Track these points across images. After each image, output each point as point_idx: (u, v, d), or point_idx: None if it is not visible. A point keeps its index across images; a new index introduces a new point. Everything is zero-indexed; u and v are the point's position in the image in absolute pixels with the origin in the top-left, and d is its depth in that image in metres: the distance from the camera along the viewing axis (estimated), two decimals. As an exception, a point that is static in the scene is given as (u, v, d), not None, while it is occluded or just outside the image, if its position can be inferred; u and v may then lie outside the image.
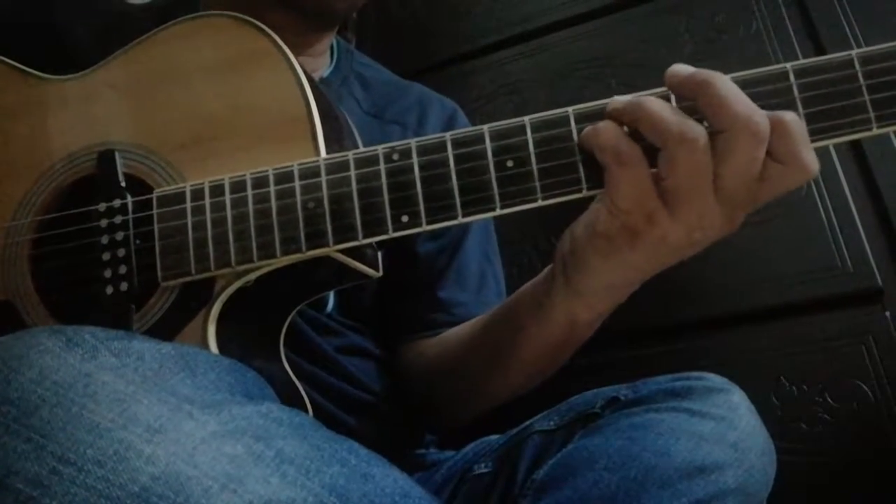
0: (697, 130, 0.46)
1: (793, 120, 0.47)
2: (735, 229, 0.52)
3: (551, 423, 0.69)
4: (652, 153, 0.48)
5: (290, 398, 0.57)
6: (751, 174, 0.47)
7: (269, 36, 0.59)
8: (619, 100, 0.50)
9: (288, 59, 0.58)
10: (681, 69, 0.48)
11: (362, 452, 0.43)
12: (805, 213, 0.92)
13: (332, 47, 0.86)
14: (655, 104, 0.48)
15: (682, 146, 0.46)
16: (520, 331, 0.66)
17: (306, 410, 0.58)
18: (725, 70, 0.50)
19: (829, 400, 0.87)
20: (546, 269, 0.63)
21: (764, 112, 0.46)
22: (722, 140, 0.47)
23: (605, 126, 0.49)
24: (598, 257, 0.54)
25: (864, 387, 0.86)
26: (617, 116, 0.49)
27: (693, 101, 0.48)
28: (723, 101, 0.46)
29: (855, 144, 0.93)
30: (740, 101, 0.46)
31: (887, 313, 0.87)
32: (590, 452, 0.59)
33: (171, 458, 0.35)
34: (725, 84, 0.47)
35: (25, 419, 0.36)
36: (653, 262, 0.54)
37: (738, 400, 0.63)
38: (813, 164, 0.47)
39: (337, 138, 0.57)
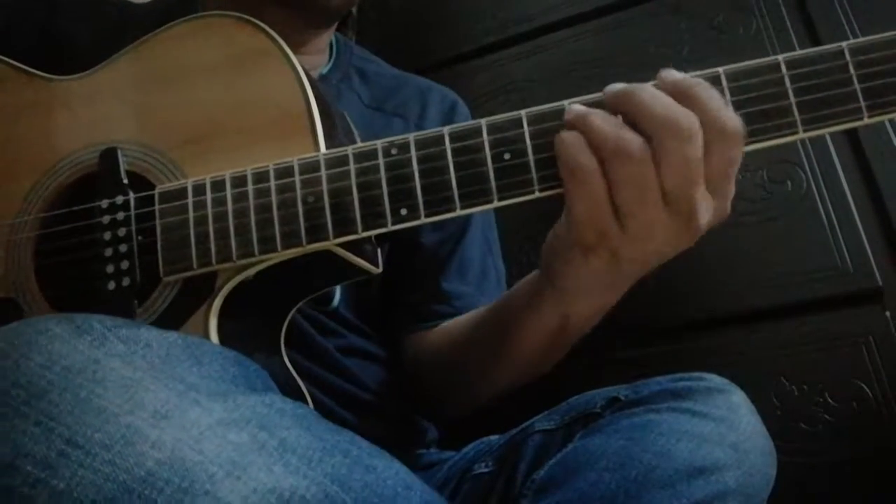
0: (630, 141, 0.47)
1: (696, 83, 0.47)
2: (694, 240, 0.51)
3: (552, 422, 0.69)
4: None
5: (290, 393, 0.57)
6: (690, 177, 0.47)
7: (269, 35, 0.59)
8: (574, 109, 0.50)
9: (287, 58, 0.58)
10: (614, 86, 0.49)
11: (364, 444, 0.43)
12: (805, 213, 0.93)
13: (330, 44, 0.86)
14: (597, 117, 0.48)
15: (616, 158, 0.47)
16: (517, 322, 0.67)
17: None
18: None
19: (829, 400, 0.87)
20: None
21: (689, 111, 0.47)
22: (653, 146, 0.47)
23: (565, 137, 0.49)
24: (564, 265, 0.56)
25: (864, 387, 0.85)
26: (572, 127, 0.50)
27: (624, 115, 0.48)
28: (643, 108, 0.47)
29: (854, 144, 0.93)
30: (659, 104, 0.47)
31: (887, 313, 0.87)
32: (590, 452, 0.59)
33: (177, 444, 0.36)
34: (646, 91, 0.48)
35: (35, 402, 0.36)
36: (615, 273, 0.54)
37: (738, 401, 0.63)
38: (733, 121, 0.47)
39: (336, 134, 0.58)
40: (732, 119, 0.48)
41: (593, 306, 0.62)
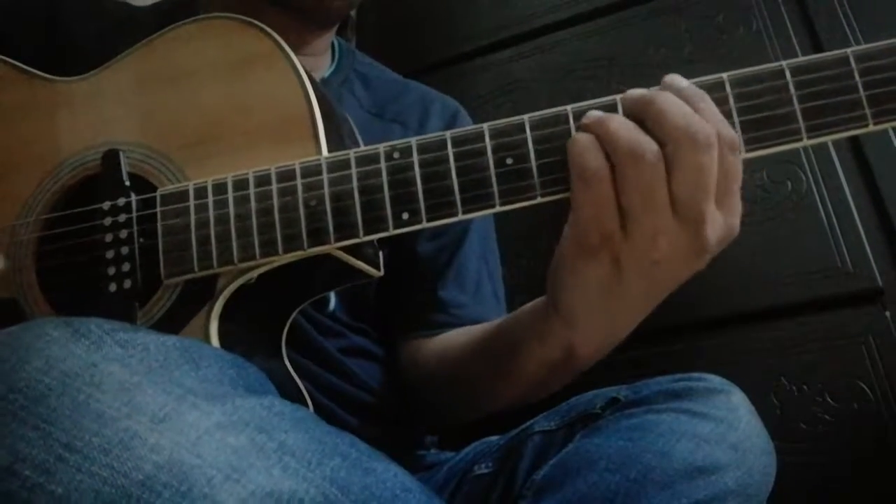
0: (645, 144, 0.47)
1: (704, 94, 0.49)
2: (703, 260, 0.51)
3: (552, 423, 0.69)
4: None
5: (290, 396, 0.57)
6: (702, 186, 0.47)
7: (271, 37, 0.59)
8: (593, 114, 0.50)
9: (290, 60, 0.58)
10: (634, 93, 0.50)
11: (363, 447, 0.43)
12: (805, 213, 0.93)
13: (333, 47, 0.86)
14: (615, 122, 0.48)
15: (628, 160, 0.47)
16: (520, 351, 0.65)
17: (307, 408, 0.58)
18: (725, 70, 0.51)
19: (829, 400, 0.87)
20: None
21: (706, 123, 0.47)
22: (667, 153, 0.47)
23: (578, 138, 0.49)
24: (566, 274, 0.55)
25: (864, 387, 0.86)
26: (587, 131, 0.50)
27: (642, 121, 0.48)
28: (663, 116, 0.47)
29: (855, 145, 0.93)
30: (679, 113, 0.47)
31: (887, 313, 0.87)
32: (590, 453, 0.59)
33: (176, 448, 0.36)
34: (668, 99, 0.48)
35: (32, 407, 0.36)
36: (617, 285, 0.53)
37: (738, 401, 0.63)
38: (734, 134, 0.48)
39: (338, 138, 0.58)
40: (733, 132, 0.48)
41: (598, 332, 0.59)
